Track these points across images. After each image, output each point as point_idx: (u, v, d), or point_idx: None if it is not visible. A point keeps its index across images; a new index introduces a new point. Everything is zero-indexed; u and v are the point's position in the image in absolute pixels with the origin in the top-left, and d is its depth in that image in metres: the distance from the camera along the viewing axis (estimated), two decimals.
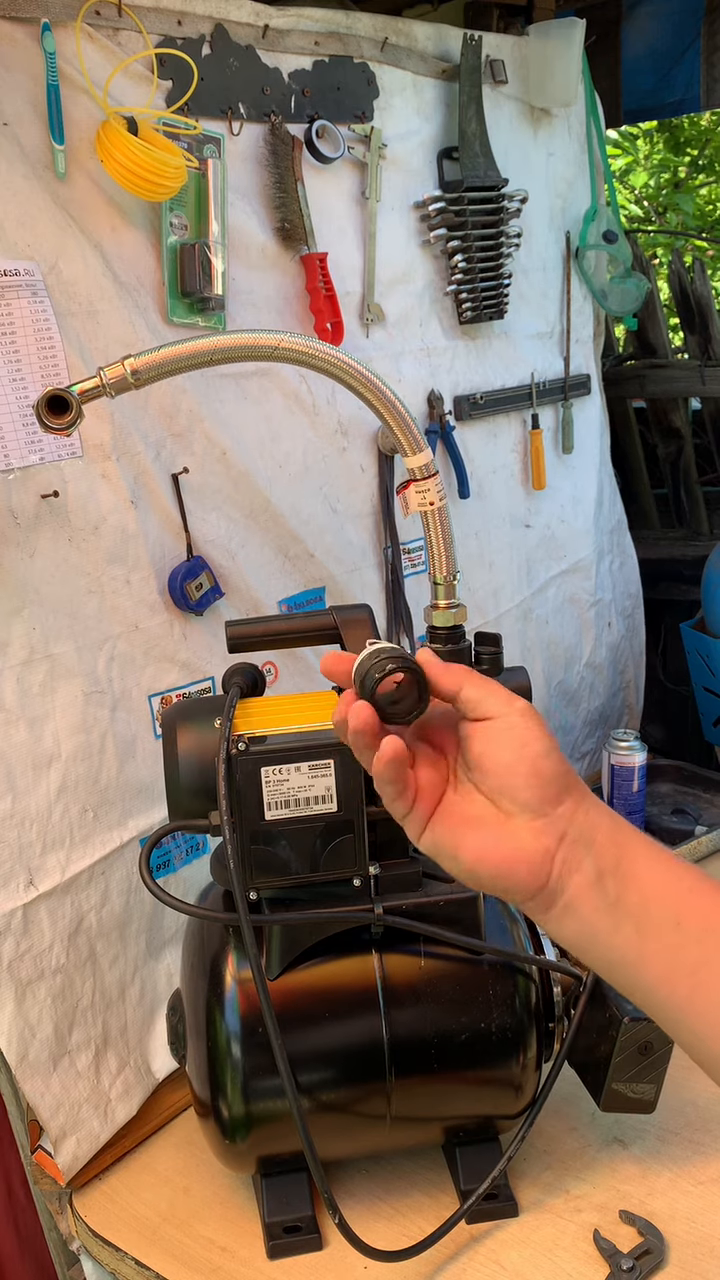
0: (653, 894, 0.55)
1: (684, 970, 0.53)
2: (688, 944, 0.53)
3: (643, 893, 0.55)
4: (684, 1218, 0.94)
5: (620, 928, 0.54)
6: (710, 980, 0.53)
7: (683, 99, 2.10)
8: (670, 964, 0.53)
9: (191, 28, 1.09)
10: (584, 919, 0.55)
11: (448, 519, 0.95)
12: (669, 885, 0.55)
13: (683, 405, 2.32)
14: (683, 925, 0.54)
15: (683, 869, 0.56)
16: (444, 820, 0.59)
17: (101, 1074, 1.04)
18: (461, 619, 0.96)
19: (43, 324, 0.96)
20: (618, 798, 1.56)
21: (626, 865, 0.56)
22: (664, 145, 6.46)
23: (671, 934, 0.54)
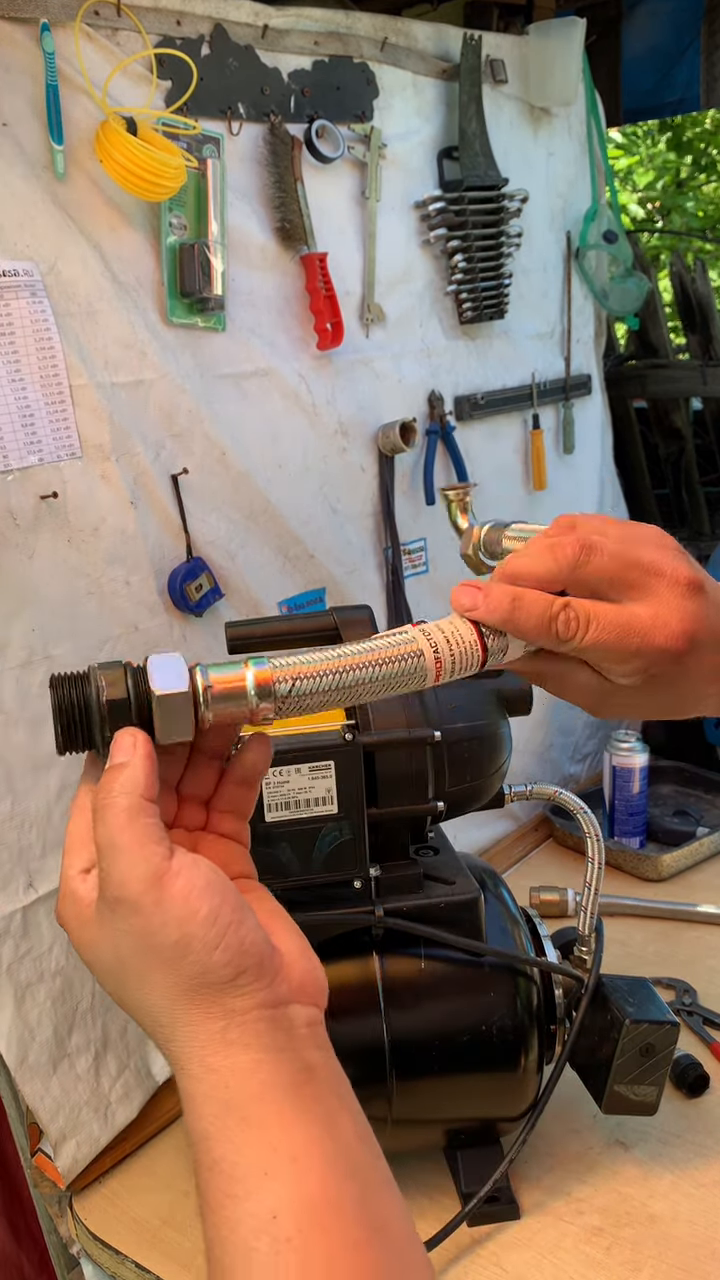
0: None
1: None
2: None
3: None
4: (686, 1220, 0.94)
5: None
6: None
7: (683, 98, 2.10)
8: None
9: (191, 28, 1.09)
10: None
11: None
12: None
13: (684, 405, 2.32)
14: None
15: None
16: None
17: (101, 1077, 1.04)
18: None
19: (42, 324, 0.96)
20: (619, 799, 1.56)
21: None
22: (665, 145, 6.48)
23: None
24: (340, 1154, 0.46)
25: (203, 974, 0.47)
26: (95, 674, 0.50)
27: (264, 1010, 0.48)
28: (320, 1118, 0.47)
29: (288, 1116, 0.46)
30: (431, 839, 1.02)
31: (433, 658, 0.53)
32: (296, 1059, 0.48)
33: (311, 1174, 0.45)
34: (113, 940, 0.48)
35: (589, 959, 0.98)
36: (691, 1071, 1.08)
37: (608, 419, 1.89)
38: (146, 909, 0.47)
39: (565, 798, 1.07)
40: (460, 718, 0.94)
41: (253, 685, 0.51)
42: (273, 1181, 0.44)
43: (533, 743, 1.69)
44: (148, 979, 0.47)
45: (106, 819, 0.48)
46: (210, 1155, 0.45)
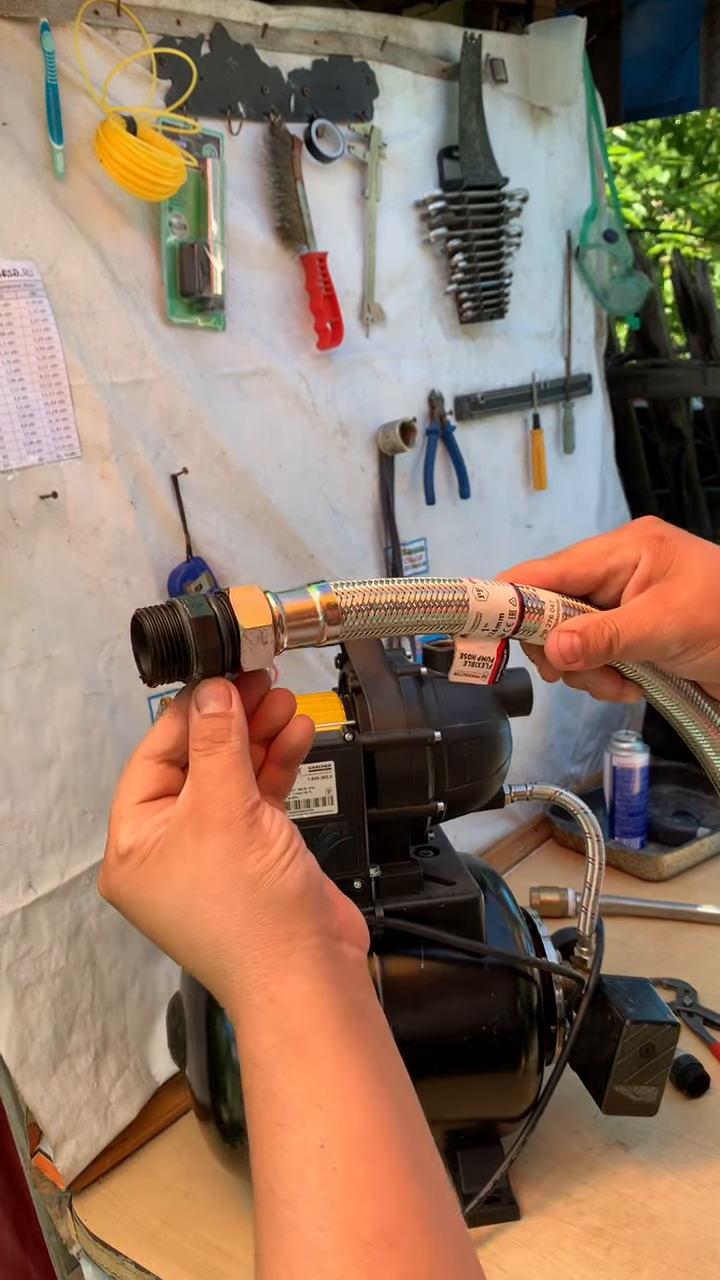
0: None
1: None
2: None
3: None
4: (686, 1220, 0.93)
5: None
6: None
7: (682, 97, 2.09)
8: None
9: (190, 27, 1.09)
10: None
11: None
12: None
13: (684, 405, 2.32)
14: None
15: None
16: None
17: (101, 1077, 1.04)
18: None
19: (41, 324, 0.96)
20: (619, 799, 1.56)
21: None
22: (667, 144, 6.47)
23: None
24: (385, 1091, 0.49)
25: (275, 891, 0.50)
26: (184, 608, 0.53)
27: (322, 937, 0.51)
28: (368, 1055, 0.49)
29: (340, 1051, 0.49)
30: (431, 839, 1.02)
31: (475, 613, 0.58)
32: (347, 995, 0.51)
33: (360, 1108, 0.47)
34: (195, 861, 0.51)
35: (589, 959, 0.98)
36: (692, 1072, 1.08)
37: (608, 419, 1.88)
38: (240, 829, 0.51)
39: (565, 798, 1.07)
40: (460, 718, 0.94)
41: (321, 610, 0.56)
42: (324, 1113, 0.47)
43: (533, 743, 1.69)
44: (224, 896, 0.50)
45: (221, 751, 0.52)
46: (266, 1084, 0.48)
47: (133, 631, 0.54)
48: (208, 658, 0.52)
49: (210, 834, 0.51)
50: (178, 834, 0.52)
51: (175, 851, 0.51)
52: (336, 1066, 0.48)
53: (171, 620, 0.52)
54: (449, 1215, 0.48)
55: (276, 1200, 0.45)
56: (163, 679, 0.53)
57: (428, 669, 0.98)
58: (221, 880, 0.50)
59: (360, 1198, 0.45)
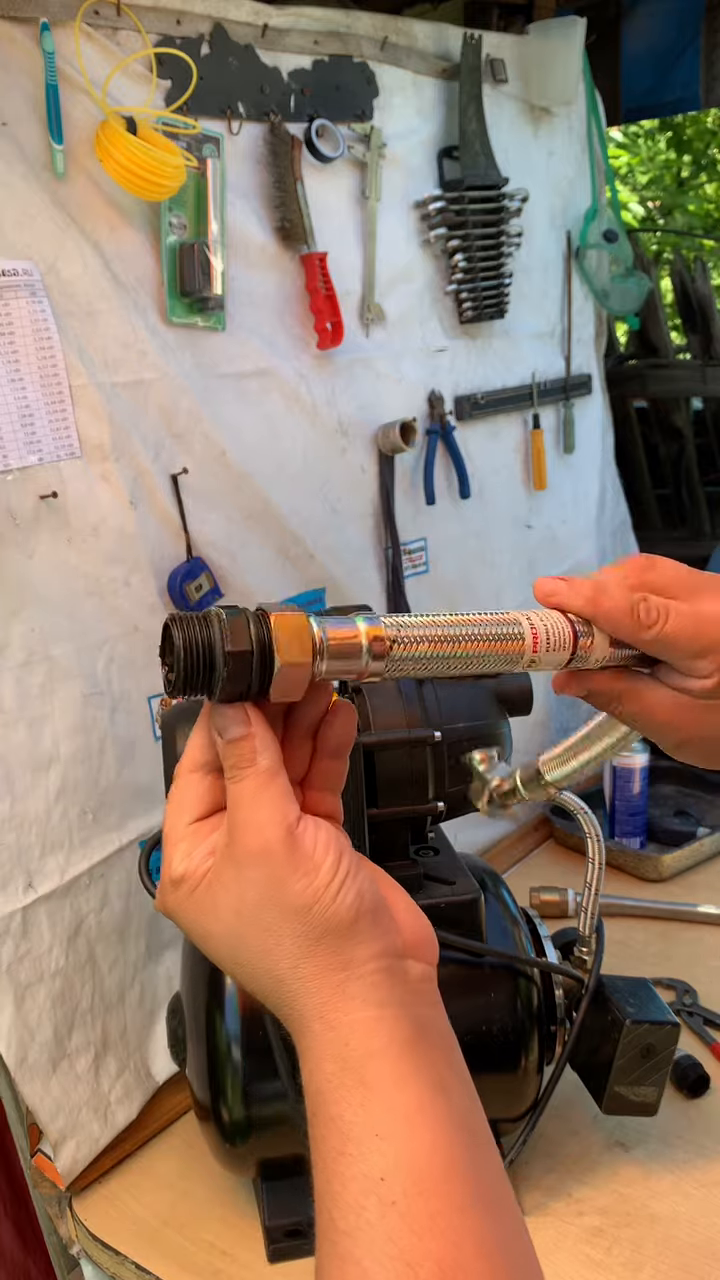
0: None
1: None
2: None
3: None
4: (686, 1221, 0.93)
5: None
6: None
7: (682, 97, 2.10)
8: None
9: (190, 27, 1.09)
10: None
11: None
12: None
13: (684, 405, 2.32)
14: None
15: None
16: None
17: (101, 1077, 1.04)
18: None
19: (41, 324, 0.96)
20: (619, 799, 1.56)
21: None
22: (666, 144, 6.47)
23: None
24: (450, 1116, 0.47)
25: (326, 920, 0.48)
26: (219, 619, 0.49)
27: (382, 961, 0.49)
28: (432, 1079, 0.48)
29: (404, 1076, 0.47)
30: (432, 839, 1.02)
31: (530, 639, 0.55)
32: (411, 1015, 0.49)
33: (422, 1137, 0.46)
34: (237, 894, 0.49)
35: (589, 959, 0.98)
36: (692, 1072, 1.08)
37: (608, 419, 1.88)
38: (279, 857, 0.48)
39: (565, 798, 1.07)
40: (460, 718, 0.94)
41: (366, 644, 0.51)
42: (384, 1143, 0.45)
43: (533, 743, 1.69)
44: (274, 929, 0.48)
45: (247, 775, 0.50)
46: (326, 1112, 0.47)
47: (163, 637, 0.51)
48: (236, 680, 0.49)
49: (249, 864, 0.49)
50: (221, 866, 0.50)
51: (220, 885, 0.50)
52: (399, 1093, 0.47)
53: (203, 634, 0.49)
54: (516, 1245, 0.46)
55: (337, 1230, 0.44)
56: (186, 694, 0.50)
57: None
58: (267, 913, 0.48)
59: (419, 1233, 0.43)
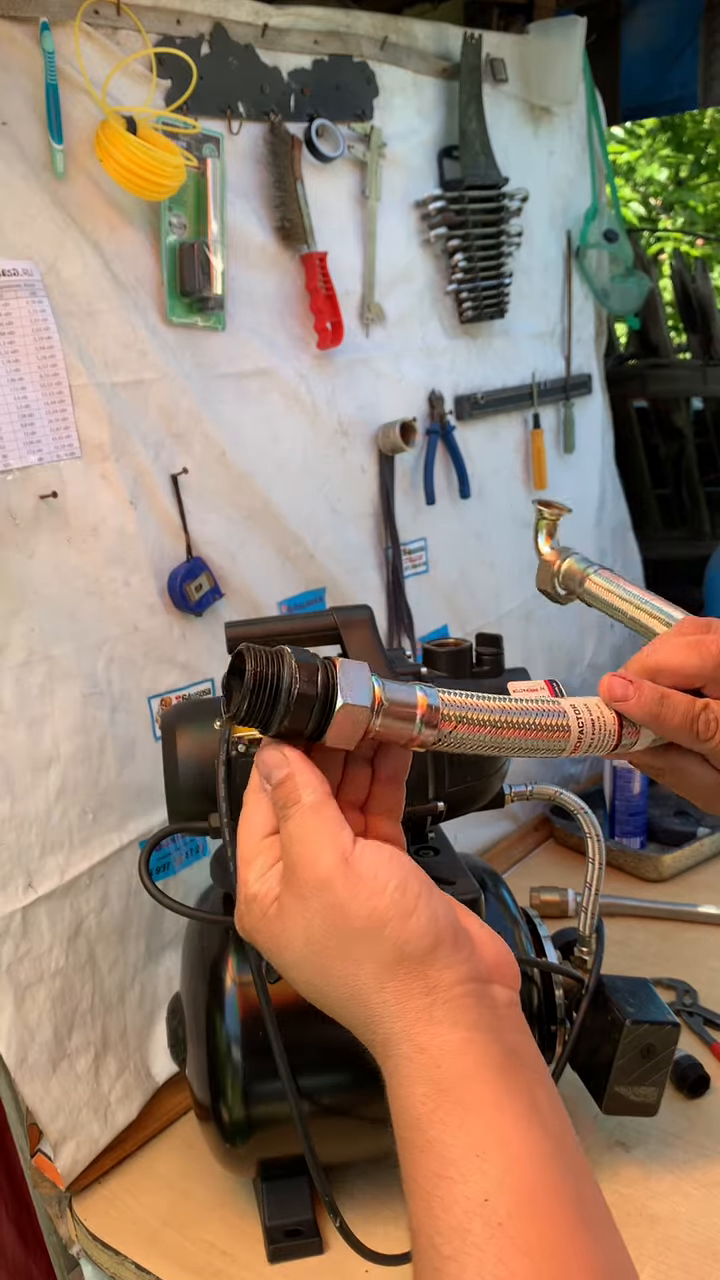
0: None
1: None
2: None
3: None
4: (686, 1221, 0.93)
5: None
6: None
7: (680, 97, 2.10)
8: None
9: (190, 27, 1.09)
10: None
11: None
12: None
13: (684, 405, 2.32)
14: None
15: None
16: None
17: (101, 1077, 1.04)
18: None
19: (41, 324, 0.96)
20: (619, 799, 1.55)
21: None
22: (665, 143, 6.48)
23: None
24: (548, 1139, 0.46)
25: (402, 945, 0.48)
26: (291, 662, 0.51)
27: (467, 985, 0.48)
28: (528, 1103, 0.47)
29: (500, 1099, 0.46)
30: (432, 839, 1.01)
31: (575, 736, 0.56)
32: (502, 1040, 0.48)
33: (523, 1158, 0.45)
34: (304, 925, 0.49)
35: (589, 959, 0.98)
36: (692, 1072, 1.08)
37: (608, 418, 1.88)
38: (337, 885, 0.48)
39: (566, 798, 1.07)
40: None
41: (420, 713, 0.53)
42: (485, 1164, 0.44)
43: None
44: (349, 954, 0.48)
45: (293, 813, 0.50)
46: (423, 1137, 0.46)
47: (232, 665, 0.52)
48: (295, 719, 0.51)
49: (310, 895, 0.49)
50: (286, 899, 0.50)
51: (288, 914, 0.50)
52: (497, 1114, 0.45)
53: (274, 670, 0.51)
54: (622, 1270, 0.46)
55: (441, 1256, 0.43)
56: (244, 724, 0.52)
57: (428, 669, 0.98)
58: (335, 940, 0.48)
59: (530, 1254, 0.42)
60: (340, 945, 0.48)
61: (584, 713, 0.56)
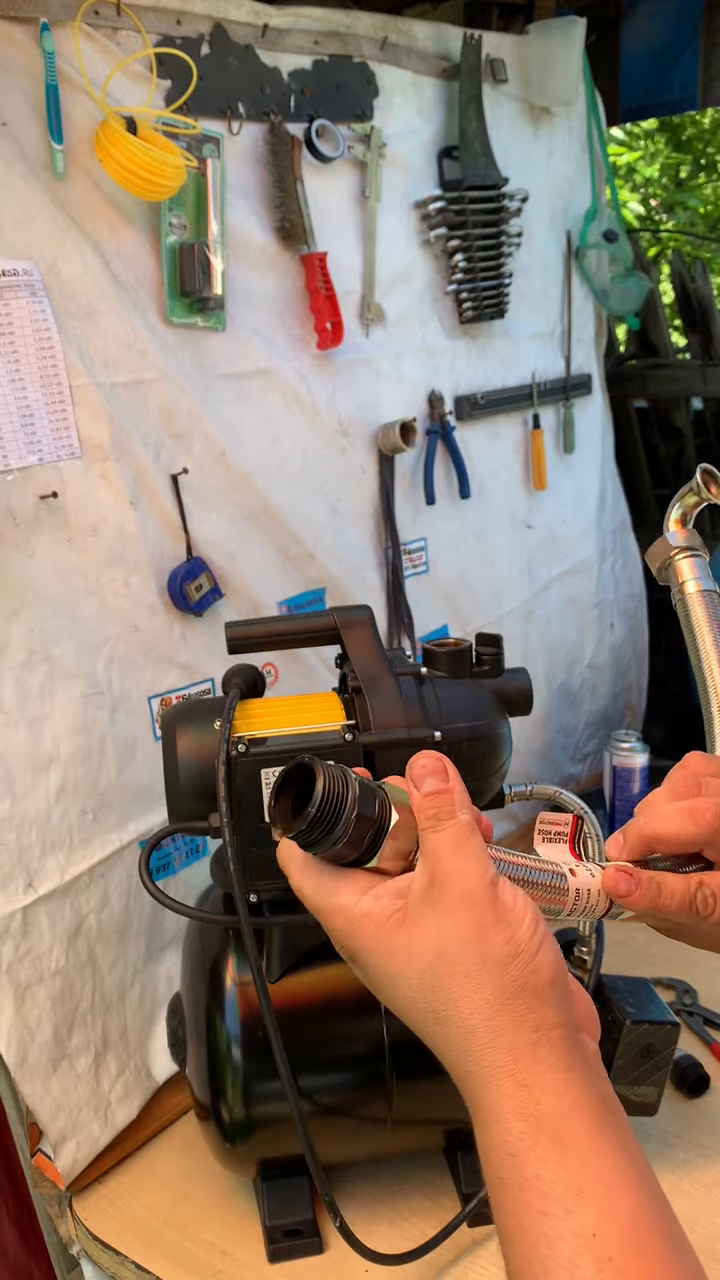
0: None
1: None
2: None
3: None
4: (686, 1221, 0.92)
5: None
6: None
7: (680, 97, 2.10)
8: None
9: (190, 27, 1.09)
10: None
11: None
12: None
13: (684, 405, 2.32)
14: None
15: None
16: None
17: (101, 1077, 1.04)
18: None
19: (41, 324, 0.96)
20: (619, 799, 1.56)
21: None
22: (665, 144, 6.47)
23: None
24: (643, 1180, 0.47)
25: (526, 976, 0.49)
26: (355, 786, 0.53)
27: (568, 1029, 0.50)
28: (621, 1146, 0.48)
29: (596, 1139, 0.47)
30: None
31: (570, 904, 0.58)
32: (595, 1086, 0.49)
33: (623, 1196, 0.46)
34: (439, 937, 0.49)
35: (589, 959, 0.98)
36: (692, 1072, 1.08)
37: (608, 419, 1.88)
38: (483, 906, 0.49)
39: (565, 798, 1.07)
40: (460, 718, 0.94)
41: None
42: (588, 1200, 0.45)
43: (533, 743, 1.69)
44: (474, 976, 0.49)
45: (449, 827, 0.51)
46: (521, 1173, 0.46)
47: (295, 775, 0.54)
48: (353, 843, 0.52)
49: (451, 909, 0.49)
50: (419, 910, 0.50)
51: (418, 928, 0.50)
52: (594, 1153, 0.46)
53: (342, 791, 0.52)
54: None
55: None
56: (297, 837, 0.53)
57: (428, 669, 0.98)
58: (469, 958, 0.49)
59: None
60: (471, 965, 0.49)
61: (583, 881, 0.59)
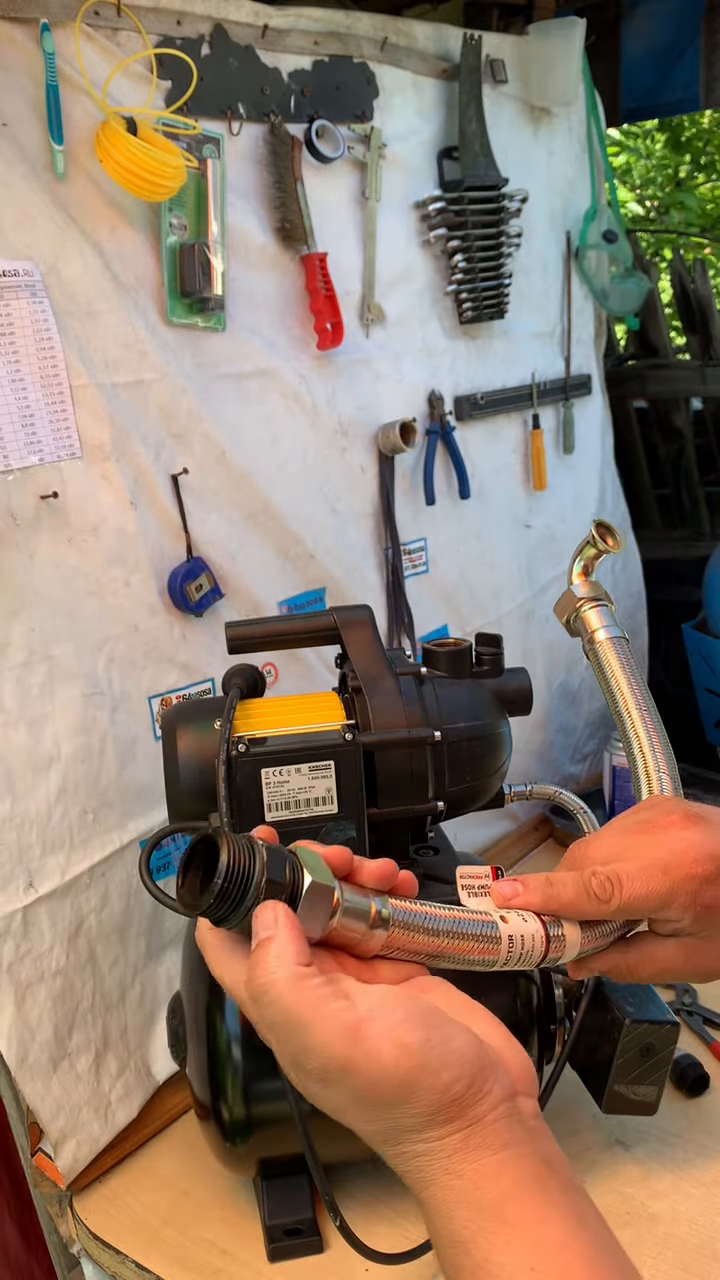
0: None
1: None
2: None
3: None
4: (686, 1220, 0.94)
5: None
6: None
7: (681, 98, 2.10)
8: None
9: (191, 28, 1.09)
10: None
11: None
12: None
13: (684, 405, 2.32)
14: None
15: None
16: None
17: (102, 1077, 1.04)
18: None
19: (42, 324, 0.96)
20: (619, 799, 1.56)
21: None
22: (664, 144, 6.47)
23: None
24: (594, 1241, 0.47)
25: (440, 1097, 0.47)
26: (262, 852, 0.52)
27: (500, 1109, 0.49)
28: (569, 1210, 0.47)
29: (542, 1209, 0.47)
30: (431, 839, 1.02)
31: (505, 953, 0.59)
32: (536, 1152, 0.49)
33: (576, 1264, 0.46)
34: (332, 1107, 0.49)
35: None
36: (692, 1071, 1.08)
37: (608, 419, 1.89)
38: (359, 1065, 0.47)
39: (565, 798, 1.08)
40: (460, 718, 0.94)
41: (372, 915, 0.55)
42: (540, 1275, 0.45)
43: (533, 743, 1.69)
44: (385, 1117, 0.48)
45: (271, 998, 0.48)
46: (472, 1259, 0.46)
47: (201, 850, 0.52)
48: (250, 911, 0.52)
49: (334, 1081, 0.48)
50: (305, 1081, 0.50)
51: (319, 1099, 0.50)
52: (543, 1227, 0.46)
53: (248, 863, 0.51)
54: None
55: None
56: (202, 912, 0.51)
57: (428, 669, 0.98)
58: (375, 1114, 0.48)
59: None
60: (376, 1112, 0.48)
61: (515, 929, 0.59)
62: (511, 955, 0.59)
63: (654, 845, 0.62)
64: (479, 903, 0.62)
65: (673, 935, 0.65)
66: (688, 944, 0.64)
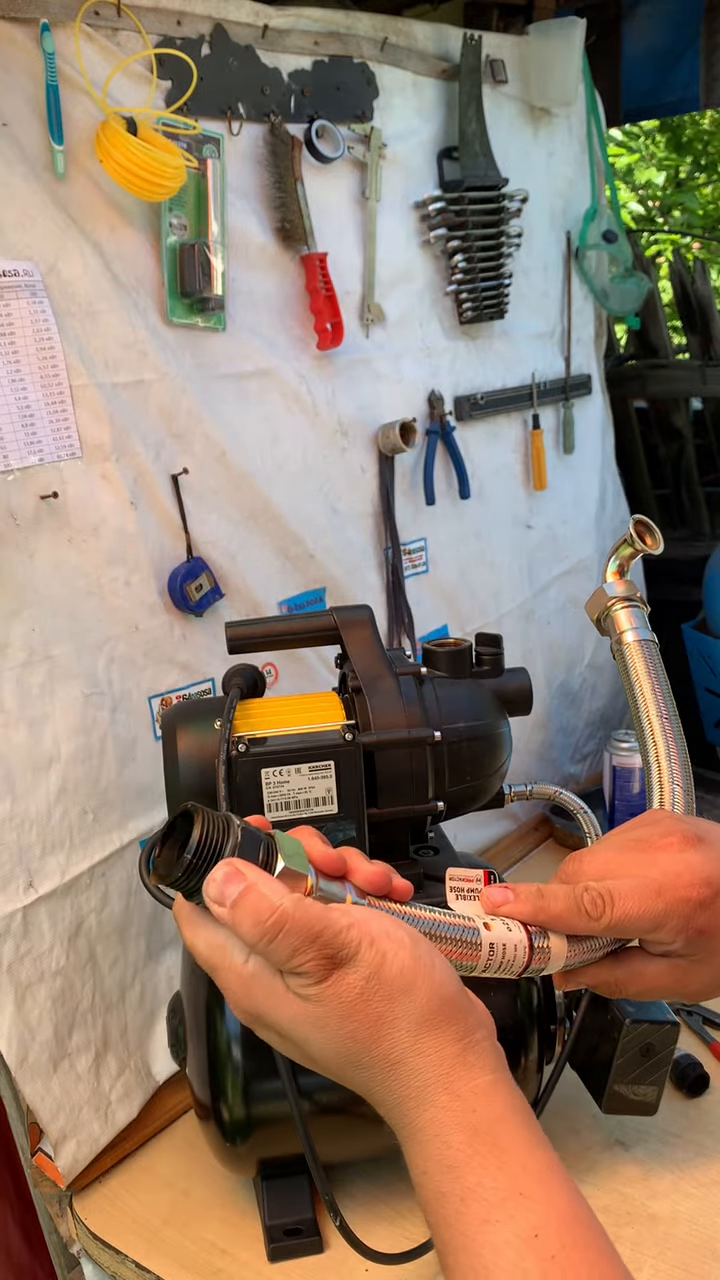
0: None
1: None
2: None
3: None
4: (686, 1220, 0.94)
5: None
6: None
7: (682, 98, 2.10)
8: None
9: (191, 28, 1.09)
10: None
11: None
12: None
13: (684, 405, 2.32)
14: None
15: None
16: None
17: (102, 1077, 1.04)
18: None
19: (42, 324, 0.96)
20: (619, 799, 1.56)
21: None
22: (665, 145, 6.47)
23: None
24: (569, 1177, 0.48)
25: (435, 993, 0.49)
26: (236, 831, 0.52)
27: (484, 1030, 0.50)
28: (545, 1141, 0.49)
29: (528, 1137, 0.48)
30: (431, 839, 1.02)
31: (485, 959, 0.58)
32: (514, 1083, 0.51)
33: (558, 1193, 0.47)
34: (336, 1000, 0.50)
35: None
36: (691, 1071, 1.08)
37: (608, 419, 1.89)
38: (365, 957, 0.49)
39: (565, 798, 1.07)
40: (460, 718, 0.94)
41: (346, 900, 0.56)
42: (529, 1201, 0.46)
43: (533, 743, 1.69)
44: (384, 1017, 0.49)
45: (289, 928, 0.49)
46: (462, 1184, 0.47)
47: (179, 824, 0.53)
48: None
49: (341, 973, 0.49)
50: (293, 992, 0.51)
51: (305, 1003, 0.51)
52: (530, 1155, 0.47)
53: (220, 836, 0.52)
54: None
55: None
56: (171, 882, 0.52)
57: (428, 669, 0.98)
58: (373, 1004, 0.49)
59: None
60: (378, 1008, 0.49)
61: (497, 936, 0.59)
62: (492, 963, 0.58)
63: (650, 865, 0.62)
64: (466, 906, 0.61)
65: (664, 955, 0.64)
66: (679, 965, 0.64)
